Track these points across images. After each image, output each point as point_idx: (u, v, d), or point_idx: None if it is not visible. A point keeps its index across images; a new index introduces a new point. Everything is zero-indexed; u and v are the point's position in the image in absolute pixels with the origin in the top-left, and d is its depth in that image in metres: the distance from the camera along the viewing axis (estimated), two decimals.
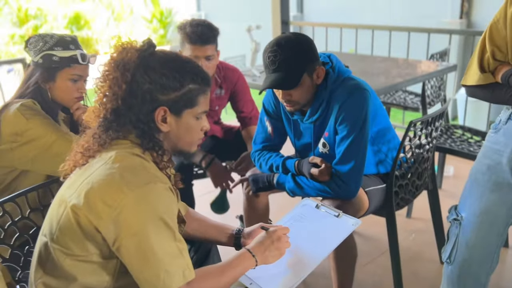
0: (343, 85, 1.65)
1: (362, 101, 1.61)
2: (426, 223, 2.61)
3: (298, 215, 1.46)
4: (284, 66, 1.56)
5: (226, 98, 2.35)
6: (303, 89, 1.61)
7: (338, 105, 1.62)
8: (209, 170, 2.16)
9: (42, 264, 1.13)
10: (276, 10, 4.57)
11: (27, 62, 3.52)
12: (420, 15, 5.72)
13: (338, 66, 1.68)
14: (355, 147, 1.61)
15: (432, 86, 3.42)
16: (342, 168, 1.62)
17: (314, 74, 1.62)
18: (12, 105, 1.54)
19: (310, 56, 1.60)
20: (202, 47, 2.02)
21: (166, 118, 1.12)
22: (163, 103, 1.10)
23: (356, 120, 1.60)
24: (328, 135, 1.70)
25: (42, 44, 1.57)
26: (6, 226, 1.31)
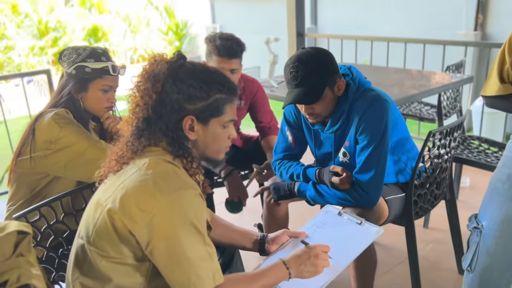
0: (364, 96, 1.69)
1: (383, 111, 1.65)
2: (443, 233, 2.62)
3: (321, 221, 1.49)
4: (306, 81, 1.61)
5: (245, 109, 2.41)
6: (325, 102, 1.66)
7: (359, 115, 1.67)
8: (226, 181, 2.21)
9: (79, 265, 1.18)
10: (291, 22, 4.64)
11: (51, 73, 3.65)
12: (435, 27, 5.75)
13: (358, 78, 1.73)
14: (376, 156, 1.65)
15: (448, 98, 3.44)
16: (363, 177, 1.66)
17: (335, 86, 1.67)
18: (46, 114, 1.62)
19: (331, 69, 1.65)
20: (229, 61, 2.09)
21: (194, 127, 1.17)
22: (190, 112, 1.15)
23: (377, 130, 1.64)
24: (349, 145, 1.74)
25: (76, 56, 1.65)
26: (42, 229, 1.37)
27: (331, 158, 1.84)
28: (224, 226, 1.50)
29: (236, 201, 2.25)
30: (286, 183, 1.88)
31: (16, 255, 1.05)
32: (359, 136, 1.68)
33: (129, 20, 10.82)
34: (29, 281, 1.02)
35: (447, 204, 2.21)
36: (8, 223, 1.10)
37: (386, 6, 6.41)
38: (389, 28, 6.20)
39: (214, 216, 1.53)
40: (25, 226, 1.11)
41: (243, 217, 3.04)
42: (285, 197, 1.89)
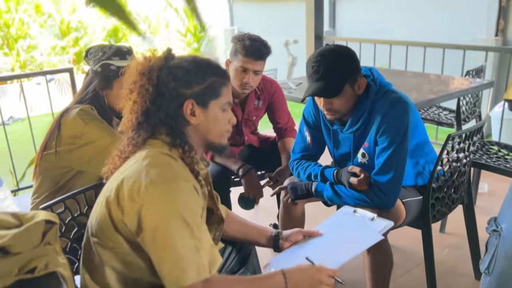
0: (385, 97, 1.70)
1: (404, 113, 1.66)
2: (459, 238, 2.60)
3: (335, 220, 1.51)
4: (327, 76, 1.63)
5: (263, 109, 2.43)
6: (344, 98, 1.67)
7: (379, 116, 1.68)
8: (244, 179, 2.23)
9: (85, 257, 1.22)
10: (310, 25, 4.66)
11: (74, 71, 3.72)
12: (454, 32, 5.71)
13: (379, 79, 1.74)
14: (395, 158, 1.65)
15: (467, 103, 3.42)
16: (382, 178, 1.66)
17: (355, 84, 1.68)
18: (71, 110, 1.67)
19: (352, 67, 1.67)
20: (255, 62, 2.13)
21: (195, 111, 1.19)
22: (189, 96, 1.17)
23: (397, 132, 1.65)
24: (368, 146, 1.75)
25: (101, 54, 1.69)
26: (66, 221, 1.41)
27: (350, 159, 1.85)
28: (239, 223, 1.53)
29: (252, 198, 2.27)
30: (303, 183, 1.90)
31: (44, 244, 1.09)
32: (379, 138, 1.69)
33: (149, 21, 10.96)
34: (56, 268, 1.06)
35: (464, 209, 2.20)
36: (36, 212, 1.14)
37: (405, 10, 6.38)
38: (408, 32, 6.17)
39: (230, 212, 1.55)
40: (53, 216, 1.15)
41: (258, 217, 3.07)
42: (302, 196, 1.91)
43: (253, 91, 2.34)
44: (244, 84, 2.17)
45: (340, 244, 1.38)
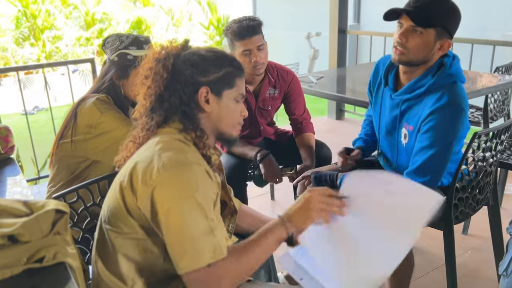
0: (451, 89, 1.58)
1: (458, 119, 1.56)
2: (483, 240, 2.51)
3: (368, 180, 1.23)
4: (425, 6, 1.52)
5: (279, 98, 2.37)
6: (421, 41, 1.55)
7: (434, 106, 1.56)
8: (262, 163, 2.18)
9: (98, 245, 1.21)
10: (334, 19, 4.58)
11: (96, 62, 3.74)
12: (483, 28, 5.53)
13: (455, 68, 1.62)
14: (435, 162, 1.57)
15: (495, 100, 3.30)
16: (416, 179, 1.57)
17: (440, 41, 1.57)
18: (88, 99, 1.66)
19: (451, 22, 1.56)
20: (251, 39, 2.08)
21: (209, 99, 1.18)
22: (204, 84, 1.17)
23: (444, 135, 1.56)
24: (412, 130, 1.65)
25: (119, 43, 1.67)
26: (79, 211, 1.40)
27: (395, 131, 1.75)
28: (252, 216, 1.50)
29: (271, 182, 2.22)
30: (328, 173, 1.82)
31: (53, 233, 1.08)
32: (423, 133, 1.59)
33: (172, 13, 11.01)
34: (65, 259, 1.05)
35: (489, 210, 2.11)
36: (47, 201, 1.13)
37: None
38: None
39: (242, 205, 1.52)
40: (63, 205, 1.14)
41: (274, 212, 3.03)
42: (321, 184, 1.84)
43: (267, 79, 2.28)
44: (255, 64, 2.12)
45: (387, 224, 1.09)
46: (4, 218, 1.06)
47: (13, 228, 1.02)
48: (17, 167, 1.75)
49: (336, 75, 3.68)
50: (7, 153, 1.82)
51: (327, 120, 5.12)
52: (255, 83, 2.27)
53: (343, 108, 5.10)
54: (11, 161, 1.82)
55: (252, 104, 2.30)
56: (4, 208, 1.09)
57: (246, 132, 2.42)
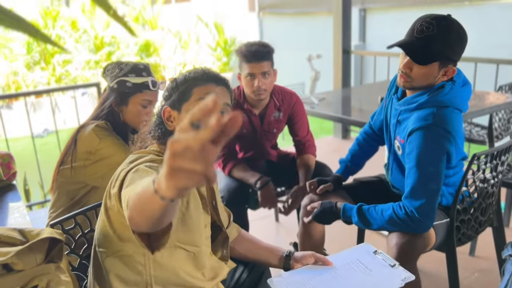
0: (438, 112, 1.57)
1: (441, 140, 1.54)
2: (490, 262, 2.47)
3: (354, 257, 1.41)
4: (428, 41, 1.50)
5: (284, 121, 2.39)
6: (426, 72, 1.56)
7: (415, 126, 1.57)
8: (261, 191, 2.20)
9: (94, 270, 1.25)
10: (337, 39, 4.62)
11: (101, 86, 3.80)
12: (488, 46, 5.53)
13: (453, 95, 1.61)
14: (425, 183, 1.56)
15: (500, 119, 3.28)
16: (414, 203, 1.56)
17: (444, 68, 1.57)
18: (87, 126, 1.68)
19: (455, 50, 1.54)
20: (257, 64, 2.11)
21: (171, 116, 1.26)
22: (167, 104, 1.27)
23: (429, 156, 1.55)
24: (404, 143, 1.66)
25: (118, 71, 1.71)
26: (76, 237, 1.41)
27: (392, 140, 1.78)
28: (250, 242, 1.49)
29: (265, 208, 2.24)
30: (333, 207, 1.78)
31: (47, 261, 1.09)
32: (408, 154, 1.60)
33: (180, 36, 11.17)
34: (58, 287, 1.05)
35: (494, 232, 2.08)
36: (42, 229, 1.14)
37: None
38: None
39: (242, 231, 1.52)
40: (58, 233, 1.15)
41: (279, 235, 3.01)
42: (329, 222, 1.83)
43: (273, 102, 2.31)
44: (257, 89, 2.15)
45: (353, 284, 1.29)
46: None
47: (7, 257, 1.03)
48: (19, 194, 1.77)
49: (341, 95, 3.69)
50: (9, 179, 1.84)
51: (333, 140, 5.12)
52: (261, 107, 2.30)
53: (349, 127, 5.10)
54: (13, 187, 1.84)
55: (257, 127, 2.32)
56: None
57: (249, 154, 2.43)
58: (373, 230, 1.71)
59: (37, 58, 9.31)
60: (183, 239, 1.23)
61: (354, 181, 2.10)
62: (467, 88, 1.67)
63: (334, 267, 1.36)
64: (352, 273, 1.33)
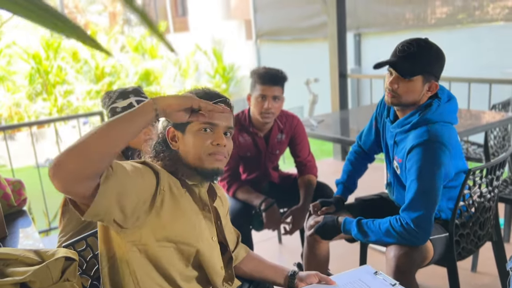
0: (430, 128, 1.67)
1: (437, 154, 1.63)
2: (492, 278, 2.49)
3: (355, 278, 1.46)
4: (410, 57, 1.63)
5: (286, 142, 2.47)
6: (411, 87, 1.66)
7: (413, 143, 1.66)
8: (266, 213, 2.25)
9: None
10: (334, 64, 4.74)
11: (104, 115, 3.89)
12: (481, 66, 5.66)
13: (441, 111, 1.71)
14: (422, 196, 1.63)
15: (495, 137, 3.35)
16: (411, 215, 1.63)
17: (428, 84, 1.68)
18: None
19: (436, 67, 1.68)
20: (271, 87, 2.22)
21: (175, 136, 1.29)
22: (170, 124, 1.29)
23: (426, 170, 1.63)
24: (401, 162, 1.75)
25: (108, 100, 1.78)
26: (88, 259, 1.46)
27: (391, 161, 1.87)
28: (257, 261, 1.53)
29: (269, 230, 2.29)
30: (334, 220, 1.86)
31: (63, 280, 1.13)
32: (408, 170, 1.68)
33: (179, 64, 11.37)
34: None
35: (494, 246, 2.12)
36: (57, 250, 1.19)
37: None
38: None
39: (250, 252, 1.56)
40: (72, 253, 1.20)
41: (283, 256, 3.04)
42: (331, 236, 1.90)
43: (276, 125, 2.39)
44: (265, 111, 2.23)
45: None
46: (17, 266, 1.13)
47: (25, 276, 1.08)
48: (29, 219, 1.82)
49: (339, 117, 3.78)
50: (19, 205, 1.89)
51: (333, 162, 5.18)
52: (265, 130, 2.38)
53: (348, 149, 5.16)
54: (23, 213, 1.89)
55: (262, 149, 2.40)
56: (16, 257, 1.15)
57: (253, 176, 2.49)
58: (371, 242, 1.76)
59: (39, 89, 9.45)
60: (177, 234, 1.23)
61: (356, 200, 2.15)
62: (453, 102, 1.77)
63: (337, 286, 1.40)
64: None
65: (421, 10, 6.18)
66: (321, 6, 4.89)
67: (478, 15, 5.65)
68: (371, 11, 6.87)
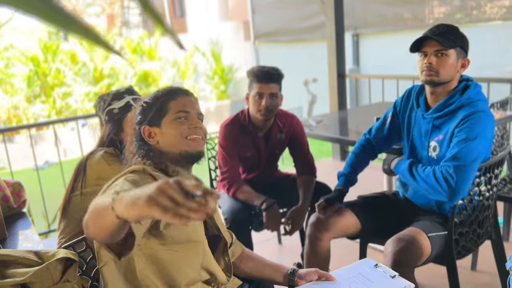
0: (477, 104, 1.75)
1: (489, 123, 1.72)
2: (492, 276, 2.49)
3: (356, 271, 1.46)
4: (443, 34, 1.75)
5: (285, 142, 2.48)
6: (447, 62, 1.75)
7: (467, 111, 1.72)
8: (266, 212, 2.25)
9: None
10: (332, 64, 4.74)
11: None
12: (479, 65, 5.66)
13: (478, 90, 1.81)
14: (472, 150, 1.68)
15: (494, 135, 3.35)
16: (454, 163, 1.67)
17: (462, 59, 1.78)
18: (96, 153, 1.75)
19: (466, 45, 1.80)
20: (267, 85, 2.23)
21: (151, 133, 1.32)
22: (144, 123, 1.33)
23: (477, 131, 1.69)
24: (443, 138, 1.79)
25: (103, 104, 1.79)
26: (88, 259, 1.46)
27: (424, 148, 1.89)
28: (255, 260, 1.53)
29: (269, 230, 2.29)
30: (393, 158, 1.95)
31: (63, 281, 1.14)
32: (460, 131, 1.72)
33: (178, 65, 11.37)
34: None
35: (493, 244, 2.12)
36: (57, 250, 1.19)
37: None
38: None
39: (246, 250, 1.56)
40: (73, 254, 1.20)
41: (282, 256, 3.04)
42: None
43: (276, 124, 2.39)
44: (263, 109, 2.25)
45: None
46: (17, 268, 1.13)
47: (25, 277, 1.08)
48: (29, 221, 1.82)
49: (338, 117, 3.78)
50: (19, 207, 1.89)
51: (332, 162, 5.18)
52: (265, 129, 2.38)
53: (347, 149, 5.17)
54: (23, 215, 1.89)
55: (262, 148, 2.40)
56: (16, 258, 1.15)
57: (252, 176, 2.49)
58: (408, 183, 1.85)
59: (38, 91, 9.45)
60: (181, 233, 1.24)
61: (359, 198, 2.16)
62: (479, 85, 1.86)
63: (337, 282, 1.40)
64: (354, 286, 1.38)
65: (419, 10, 6.20)
66: (319, 6, 4.89)
67: (475, 14, 5.67)
68: (369, 11, 6.88)
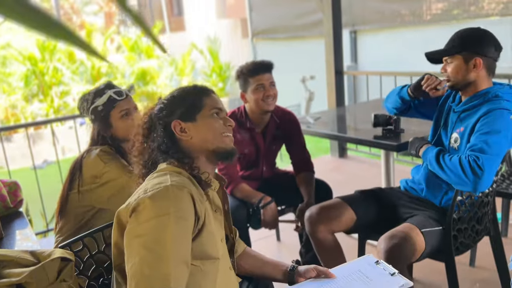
0: (502, 101, 1.75)
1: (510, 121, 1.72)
2: (491, 272, 2.49)
3: (355, 268, 1.46)
4: (450, 41, 1.84)
5: (282, 138, 2.48)
6: (454, 67, 1.82)
7: (490, 106, 1.73)
8: (264, 210, 2.24)
9: None
10: (330, 61, 4.73)
11: None
12: None
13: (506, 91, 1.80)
14: (496, 143, 1.67)
15: None
16: (478, 154, 1.66)
17: (471, 61, 1.79)
18: (92, 151, 1.74)
19: (474, 46, 1.79)
20: (264, 75, 2.26)
21: (184, 128, 1.27)
22: (174, 118, 1.27)
23: (499, 127, 1.69)
24: (464, 130, 1.80)
25: (86, 104, 1.78)
26: (84, 259, 1.45)
27: (447, 138, 1.92)
28: (255, 257, 1.53)
29: (266, 228, 2.29)
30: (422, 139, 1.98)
31: (59, 281, 1.13)
32: (482, 125, 1.72)
33: (175, 63, 11.34)
34: None
35: (491, 241, 2.12)
36: (53, 250, 1.18)
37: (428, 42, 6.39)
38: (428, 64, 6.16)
39: (247, 248, 1.56)
40: (69, 254, 1.20)
41: (281, 253, 3.04)
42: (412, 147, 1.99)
43: (273, 120, 2.39)
44: (267, 97, 2.26)
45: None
46: (13, 268, 1.12)
47: (21, 277, 1.08)
48: (26, 220, 1.82)
49: (336, 114, 3.77)
50: (16, 207, 1.89)
51: (330, 159, 5.18)
52: (262, 125, 2.38)
53: (346, 146, 5.17)
54: (20, 214, 1.88)
55: (260, 144, 2.39)
56: (12, 258, 1.15)
57: (249, 173, 2.49)
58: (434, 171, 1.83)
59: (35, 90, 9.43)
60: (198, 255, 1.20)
61: (356, 192, 2.16)
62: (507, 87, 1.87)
63: (336, 279, 1.40)
64: (353, 283, 1.38)
65: (417, 6, 6.18)
66: (316, 3, 4.88)
67: (473, 10, 5.66)
68: (366, 8, 6.87)
